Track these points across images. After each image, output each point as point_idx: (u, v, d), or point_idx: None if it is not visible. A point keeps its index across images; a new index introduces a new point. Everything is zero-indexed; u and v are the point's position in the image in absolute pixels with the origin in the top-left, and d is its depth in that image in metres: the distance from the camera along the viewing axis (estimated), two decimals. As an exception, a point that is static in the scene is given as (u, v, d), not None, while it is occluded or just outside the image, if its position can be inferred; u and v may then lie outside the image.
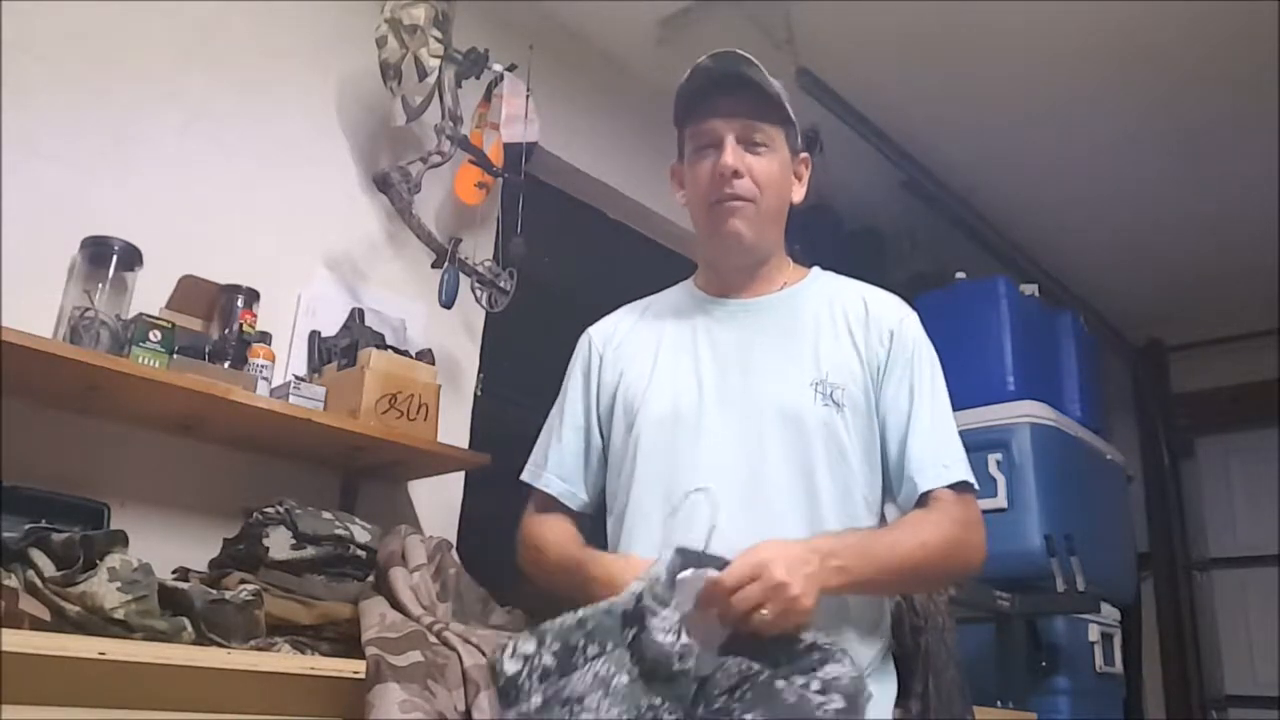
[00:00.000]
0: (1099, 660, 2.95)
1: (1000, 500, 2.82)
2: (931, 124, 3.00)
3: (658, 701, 0.97)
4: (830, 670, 1.02)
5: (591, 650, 1.00)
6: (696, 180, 1.33)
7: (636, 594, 1.03)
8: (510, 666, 1.01)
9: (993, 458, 2.85)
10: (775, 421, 1.24)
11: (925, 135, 3.04)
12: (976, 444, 2.73)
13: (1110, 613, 3.08)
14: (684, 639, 1.00)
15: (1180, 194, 3.31)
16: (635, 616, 1.02)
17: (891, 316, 1.33)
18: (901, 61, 2.75)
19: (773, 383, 1.27)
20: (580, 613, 1.04)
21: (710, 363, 1.31)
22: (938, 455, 1.25)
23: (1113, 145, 3.07)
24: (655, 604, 1.02)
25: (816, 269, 1.42)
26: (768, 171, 1.31)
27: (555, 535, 1.36)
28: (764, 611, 1.02)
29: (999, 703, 2.41)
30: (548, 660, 1.00)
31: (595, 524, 1.42)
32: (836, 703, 0.99)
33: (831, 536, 1.16)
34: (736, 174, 1.28)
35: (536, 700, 0.98)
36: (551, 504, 1.41)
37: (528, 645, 1.02)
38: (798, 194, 1.38)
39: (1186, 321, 4.13)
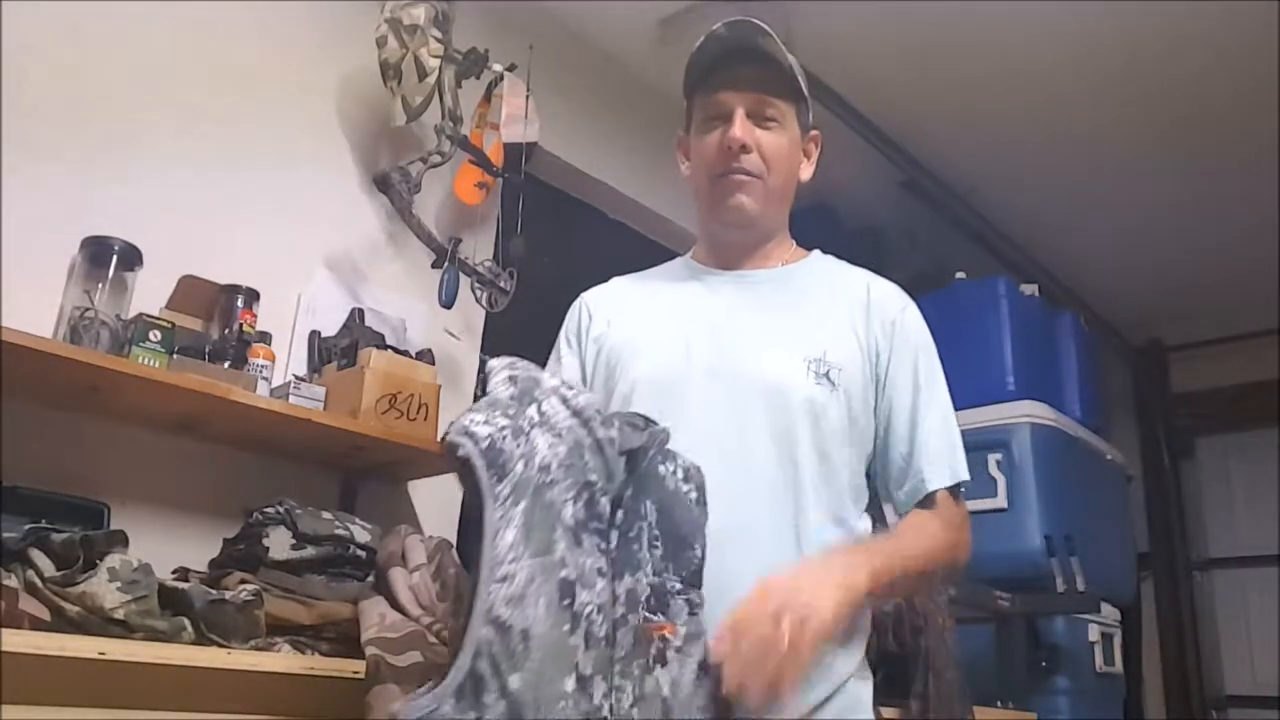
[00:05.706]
0: (1099, 660, 2.95)
1: (1000, 500, 2.82)
2: (931, 124, 3.00)
3: (594, 479, 0.93)
4: (684, 458, 1.04)
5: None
6: (703, 152, 1.30)
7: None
8: (483, 429, 0.86)
9: (993, 458, 2.85)
10: (762, 395, 1.20)
11: (925, 135, 3.04)
12: (976, 444, 2.73)
13: (1110, 613, 3.08)
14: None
15: (1180, 194, 3.31)
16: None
17: (894, 305, 1.30)
18: (901, 61, 2.75)
19: (763, 356, 1.23)
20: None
21: (700, 331, 1.27)
22: (946, 454, 1.23)
23: (1112, 145, 3.07)
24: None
25: (817, 252, 1.39)
26: (776, 147, 1.27)
27: None
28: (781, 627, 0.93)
29: (999, 703, 2.41)
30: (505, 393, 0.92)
31: None
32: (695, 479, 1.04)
33: (844, 550, 1.12)
34: (745, 148, 1.25)
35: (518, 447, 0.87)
36: None
37: (476, 414, 0.89)
38: (805, 172, 1.35)
39: (1186, 321, 4.13)
